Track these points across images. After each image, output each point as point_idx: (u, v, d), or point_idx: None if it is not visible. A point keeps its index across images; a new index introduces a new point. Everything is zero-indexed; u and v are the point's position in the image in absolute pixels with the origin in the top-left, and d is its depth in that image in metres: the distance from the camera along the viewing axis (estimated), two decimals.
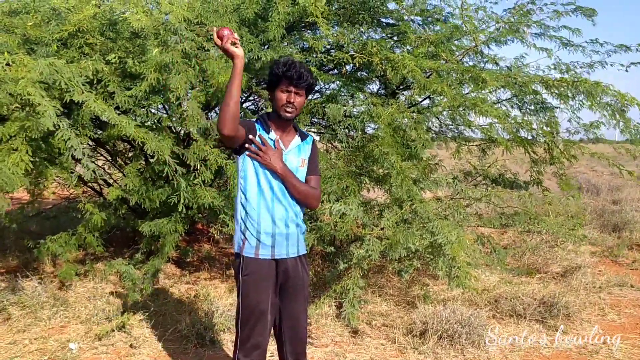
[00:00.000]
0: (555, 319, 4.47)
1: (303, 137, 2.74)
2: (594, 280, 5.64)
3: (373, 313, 4.60)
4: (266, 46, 4.44)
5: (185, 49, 3.87)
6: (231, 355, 3.77)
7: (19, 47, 3.87)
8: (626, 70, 5.05)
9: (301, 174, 2.69)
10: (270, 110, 2.74)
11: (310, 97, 6.00)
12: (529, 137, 5.04)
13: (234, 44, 2.40)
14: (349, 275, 4.31)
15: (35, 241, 4.50)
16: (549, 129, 5.13)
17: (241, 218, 2.61)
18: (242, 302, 2.61)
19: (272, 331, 2.76)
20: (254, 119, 2.69)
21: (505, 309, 4.64)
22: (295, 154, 2.68)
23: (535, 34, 5.18)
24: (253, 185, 2.58)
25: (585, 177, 14.17)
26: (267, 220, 2.59)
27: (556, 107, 5.23)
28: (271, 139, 2.61)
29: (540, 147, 5.23)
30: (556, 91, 4.47)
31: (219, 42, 2.41)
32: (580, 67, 5.19)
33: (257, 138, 2.57)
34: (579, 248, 6.63)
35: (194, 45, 3.90)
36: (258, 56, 4.27)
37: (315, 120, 5.92)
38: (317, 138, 6.67)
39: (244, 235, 2.60)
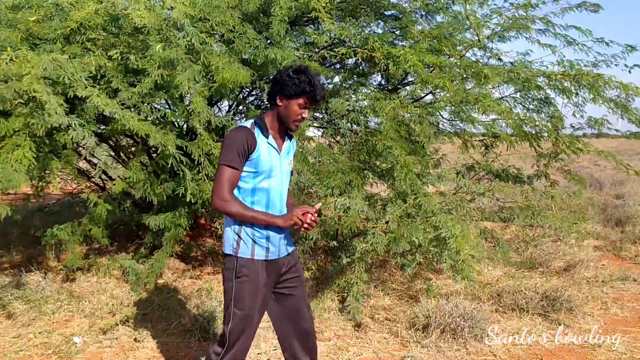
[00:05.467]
0: (558, 313, 4.48)
1: (289, 137, 2.70)
2: (596, 275, 5.65)
3: (376, 307, 4.61)
4: (269, 41, 4.43)
5: (188, 44, 3.87)
6: None
7: (21, 43, 3.87)
8: (629, 72, 5.02)
9: (289, 172, 2.69)
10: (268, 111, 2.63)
11: None
12: (534, 132, 5.02)
13: (306, 228, 2.47)
14: (352, 269, 4.33)
15: (42, 230, 4.51)
16: (551, 124, 5.11)
17: (234, 220, 2.52)
18: (235, 306, 2.51)
19: (276, 334, 2.74)
20: (249, 124, 2.54)
21: (508, 303, 4.65)
22: (287, 156, 2.66)
23: (540, 30, 5.16)
24: (247, 191, 2.53)
25: (589, 172, 14.14)
26: (262, 226, 2.53)
27: (560, 112, 5.20)
28: (271, 144, 2.53)
29: (546, 142, 5.21)
30: (559, 86, 4.46)
31: (306, 220, 2.46)
32: (585, 66, 5.13)
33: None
34: (582, 242, 6.64)
35: (197, 40, 3.90)
36: (264, 53, 4.26)
37: (318, 114, 5.92)
38: (320, 133, 6.68)
39: (239, 236, 2.51)
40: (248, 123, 2.54)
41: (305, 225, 2.45)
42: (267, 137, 2.52)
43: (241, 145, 2.43)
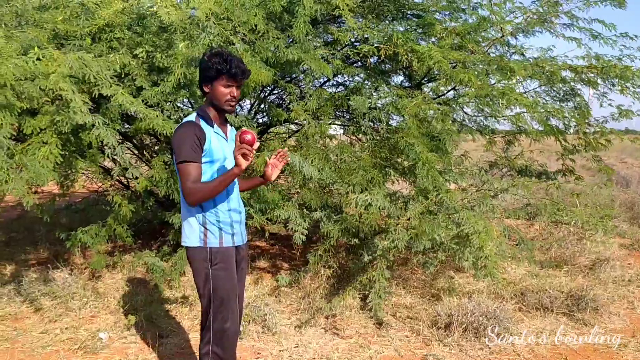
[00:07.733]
0: (583, 312, 4.40)
1: (230, 125, 2.80)
2: (623, 274, 5.54)
3: (397, 305, 4.60)
4: (291, 40, 4.44)
5: (211, 43, 3.89)
6: (254, 345, 3.81)
7: (48, 42, 3.94)
8: None
9: None
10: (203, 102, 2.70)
11: (334, 90, 6.01)
12: (560, 126, 4.97)
13: (245, 155, 2.38)
14: (374, 267, 4.31)
15: (66, 233, 4.59)
16: (579, 115, 5.04)
17: (196, 211, 2.59)
18: (213, 295, 2.60)
19: None
20: (194, 117, 2.60)
21: (532, 302, 4.59)
22: (233, 141, 2.73)
23: (564, 24, 5.10)
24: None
25: (615, 170, 13.87)
26: (225, 212, 2.64)
27: (587, 102, 5.12)
28: (217, 133, 2.62)
29: (571, 136, 5.15)
30: (585, 78, 4.41)
31: (237, 143, 2.43)
32: (610, 59, 5.09)
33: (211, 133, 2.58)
34: (608, 240, 6.52)
35: (220, 39, 3.93)
36: (284, 53, 4.26)
37: (339, 113, 5.91)
38: (341, 131, 6.68)
39: (205, 227, 2.60)
40: (192, 117, 2.61)
41: (248, 149, 2.39)
42: (212, 127, 2.60)
43: (193, 139, 2.49)
